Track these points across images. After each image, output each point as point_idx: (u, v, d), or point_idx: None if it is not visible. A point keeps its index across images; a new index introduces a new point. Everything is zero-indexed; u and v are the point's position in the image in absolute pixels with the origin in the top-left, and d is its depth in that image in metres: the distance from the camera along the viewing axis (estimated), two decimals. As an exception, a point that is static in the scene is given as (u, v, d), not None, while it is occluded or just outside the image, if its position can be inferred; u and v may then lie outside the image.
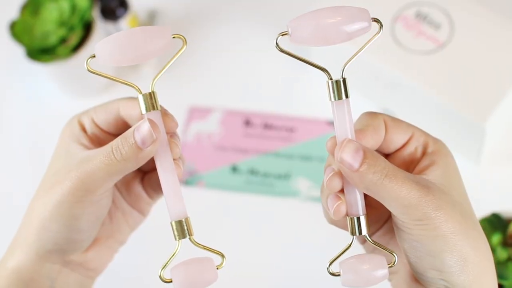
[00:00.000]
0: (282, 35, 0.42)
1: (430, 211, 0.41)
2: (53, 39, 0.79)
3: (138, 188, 0.52)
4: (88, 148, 0.48)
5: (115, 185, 0.51)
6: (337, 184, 0.43)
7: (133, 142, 0.43)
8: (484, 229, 0.63)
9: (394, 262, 0.44)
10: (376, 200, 0.43)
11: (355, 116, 0.44)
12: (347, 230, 0.44)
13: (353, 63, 0.43)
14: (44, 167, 0.82)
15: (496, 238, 0.62)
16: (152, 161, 0.50)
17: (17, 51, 0.86)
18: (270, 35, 0.89)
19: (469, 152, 0.75)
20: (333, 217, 0.43)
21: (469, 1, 0.75)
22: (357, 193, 0.43)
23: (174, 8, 0.92)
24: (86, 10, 0.79)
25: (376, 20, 0.42)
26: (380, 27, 0.42)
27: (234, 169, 0.80)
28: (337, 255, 0.44)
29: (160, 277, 0.45)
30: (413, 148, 0.44)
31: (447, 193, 0.42)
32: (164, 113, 0.46)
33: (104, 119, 0.48)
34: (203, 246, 0.45)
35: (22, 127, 0.86)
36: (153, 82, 0.45)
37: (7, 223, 0.80)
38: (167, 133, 0.45)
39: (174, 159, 0.45)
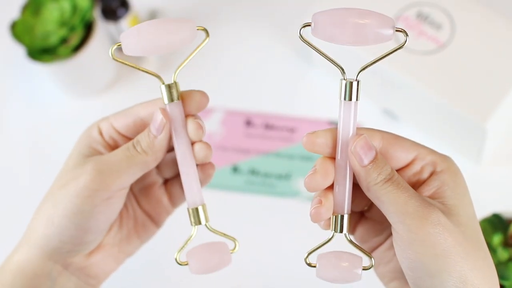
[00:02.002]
0: (305, 26, 0.42)
1: (428, 224, 0.40)
2: (54, 39, 0.79)
3: (159, 192, 0.51)
4: (102, 154, 0.48)
5: (133, 191, 0.51)
6: (315, 183, 0.43)
7: (150, 133, 0.46)
8: (484, 229, 0.63)
9: (372, 265, 0.44)
10: (380, 214, 0.43)
11: (357, 115, 0.44)
12: (327, 229, 0.45)
13: (353, 63, 0.43)
14: (44, 167, 0.83)
15: (497, 238, 0.62)
16: (175, 166, 0.51)
17: (18, 51, 0.86)
18: (270, 35, 0.89)
19: (469, 152, 0.75)
20: (311, 219, 0.43)
21: (470, 2, 0.75)
22: (346, 191, 0.44)
23: (174, 8, 0.92)
24: (87, 10, 0.79)
25: (402, 31, 0.42)
26: (406, 38, 0.42)
27: (235, 169, 0.80)
28: (317, 247, 0.45)
29: (176, 260, 0.46)
30: (419, 167, 0.44)
31: (453, 214, 0.41)
32: (191, 93, 0.47)
33: (124, 123, 0.48)
34: (218, 231, 0.48)
35: (22, 127, 0.86)
36: (175, 72, 0.46)
37: (7, 223, 0.80)
38: (198, 110, 0.47)
39: (200, 141, 0.47)
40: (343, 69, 0.43)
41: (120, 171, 0.45)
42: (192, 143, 0.47)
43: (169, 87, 0.46)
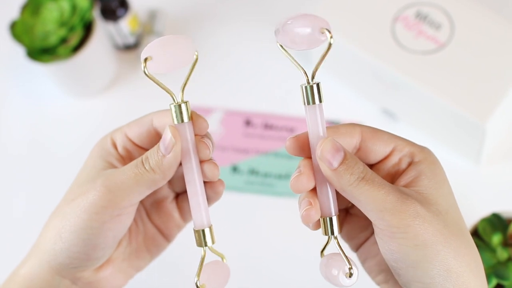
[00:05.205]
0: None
1: (407, 217, 0.40)
2: (53, 39, 0.79)
3: (170, 206, 0.51)
4: (115, 167, 0.47)
5: (144, 205, 0.51)
6: (301, 185, 0.43)
7: (159, 151, 0.44)
8: (484, 229, 0.63)
9: (350, 274, 0.43)
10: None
11: (356, 115, 0.44)
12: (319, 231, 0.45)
13: (353, 63, 0.43)
14: (44, 167, 0.83)
15: (497, 238, 0.62)
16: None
17: (18, 51, 0.86)
18: (270, 35, 0.89)
19: (469, 152, 0.75)
20: (303, 222, 0.44)
21: (470, 1, 0.75)
22: (330, 193, 0.44)
23: (174, 9, 0.92)
24: (86, 10, 0.79)
25: (326, 31, 0.42)
26: (330, 39, 0.42)
27: (235, 169, 0.80)
28: (322, 248, 0.46)
29: (196, 284, 0.45)
30: (397, 159, 0.44)
31: (431, 203, 0.42)
32: (194, 116, 0.45)
33: (138, 133, 0.47)
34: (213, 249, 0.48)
35: (22, 127, 0.86)
36: (182, 91, 0.45)
37: (6, 224, 0.80)
38: (198, 134, 0.45)
39: (208, 161, 0.45)
40: (306, 73, 0.43)
41: (128, 189, 0.44)
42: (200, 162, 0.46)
43: (179, 107, 0.44)
